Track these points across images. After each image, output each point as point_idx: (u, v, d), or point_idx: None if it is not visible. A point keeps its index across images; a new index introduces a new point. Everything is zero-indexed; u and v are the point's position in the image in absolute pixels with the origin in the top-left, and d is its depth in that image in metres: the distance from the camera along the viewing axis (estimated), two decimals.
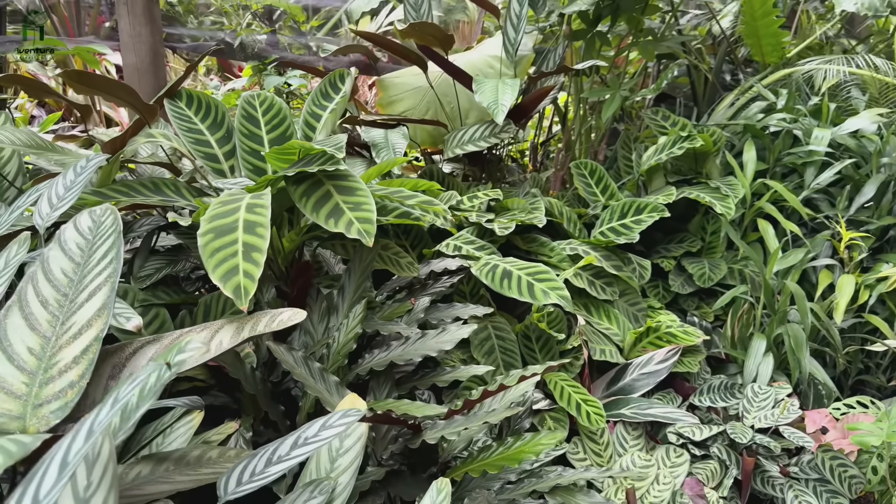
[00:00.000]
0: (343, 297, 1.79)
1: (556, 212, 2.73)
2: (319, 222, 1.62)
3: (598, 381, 2.32)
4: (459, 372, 1.77)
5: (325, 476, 1.38)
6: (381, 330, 1.79)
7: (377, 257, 2.02)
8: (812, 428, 2.16)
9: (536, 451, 1.39)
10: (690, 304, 2.79)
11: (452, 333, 1.73)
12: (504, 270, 2.07)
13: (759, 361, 2.44)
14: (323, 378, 1.57)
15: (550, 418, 2.07)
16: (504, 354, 2.13)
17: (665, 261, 2.82)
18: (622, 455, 2.07)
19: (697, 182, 2.94)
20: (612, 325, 2.39)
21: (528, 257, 2.51)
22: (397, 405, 1.58)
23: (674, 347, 2.30)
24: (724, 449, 2.14)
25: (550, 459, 1.97)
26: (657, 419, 2.07)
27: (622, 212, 2.72)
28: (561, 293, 1.99)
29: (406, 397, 1.81)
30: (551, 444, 1.40)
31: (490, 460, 1.43)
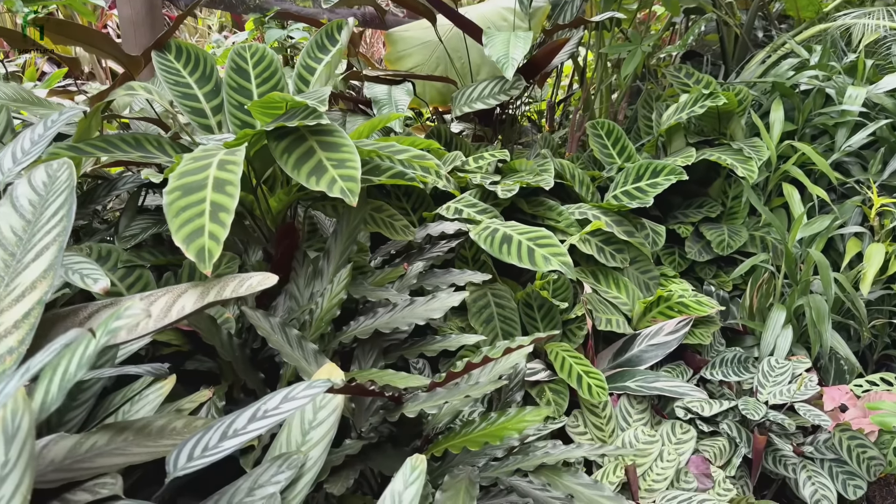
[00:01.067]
0: (328, 262, 1.70)
1: (567, 174, 2.59)
2: (300, 180, 1.52)
3: (605, 351, 2.21)
4: (449, 341, 1.68)
5: (296, 450, 1.30)
6: (368, 296, 1.70)
7: (370, 220, 1.92)
8: (830, 405, 2.04)
9: (519, 429, 1.29)
10: (707, 273, 2.65)
11: (442, 301, 1.63)
12: (504, 235, 1.96)
13: (778, 334, 2.30)
14: (301, 346, 1.48)
15: (550, 390, 1.97)
16: (503, 323, 2.03)
17: (682, 226, 2.68)
18: (625, 430, 1.97)
19: (720, 143, 2.77)
20: (620, 293, 2.27)
21: (533, 222, 2.39)
22: (380, 375, 1.49)
23: (685, 318, 2.18)
24: (735, 426, 2.03)
25: (548, 433, 1.89)
26: (663, 393, 1.96)
27: (637, 174, 2.57)
28: (562, 259, 1.88)
29: (396, 367, 1.72)
30: (536, 420, 1.30)
31: (472, 436, 1.34)
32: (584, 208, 2.40)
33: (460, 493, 1.28)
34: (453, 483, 1.34)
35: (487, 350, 1.43)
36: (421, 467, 1.20)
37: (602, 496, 1.29)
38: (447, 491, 1.30)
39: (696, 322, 2.25)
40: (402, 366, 1.87)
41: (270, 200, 1.87)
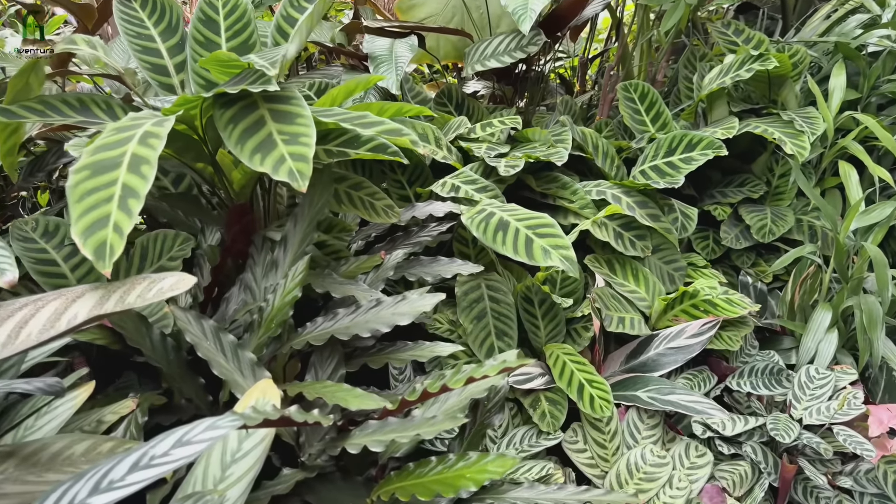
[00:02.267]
0: (285, 251, 1.46)
1: (589, 145, 2.29)
2: (243, 158, 1.28)
3: (617, 352, 1.95)
4: (420, 350, 1.44)
5: (213, 488, 1.10)
6: (332, 291, 1.47)
7: (345, 199, 1.68)
8: (877, 430, 1.75)
9: (478, 480, 1.06)
10: (745, 261, 2.34)
11: (412, 304, 1.39)
12: (500, 220, 1.69)
13: (821, 338, 2.00)
14: (236, 356, 1.27)
15: (546, 400, 1.73)
16: (497, 321, 1.78)
17: (719, 207, 2.36)
18: (631, 448, 1.72)
19: (768, 113, 2.42)
20: (639, 287, 1.99)
21: (543, 202, 2.11)
22: (332, 391, 1.27)
23: (711, 320, 1.89)
24: (760, 448, 1.75)
25: (541, 450, 1.65)
26: (677, 409, 1.70)
27: (670, 147, 2.25)
28: (564, 253, 1.61)
29: (358, 377, 1.50)
30: (498, 471, 1.06)
31: (423, 480, 1.11)
32: (603, 186, 2.10)
33: None
34: None
35: (451, 375, 1.18)
36: None
37: None
38: None
39: (726, 323, 1.96)
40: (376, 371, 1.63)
41: (234, 173, 1.64)
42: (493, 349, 1.75)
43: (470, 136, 2.16)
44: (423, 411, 1.28)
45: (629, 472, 1.66)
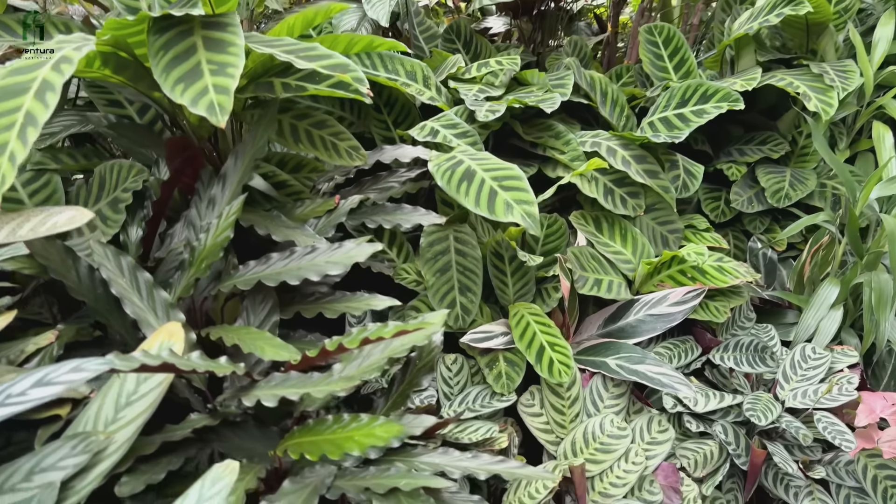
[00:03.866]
0: (224, 188, 1.41)
1: (597, 92, 2.13)
2: (165, 89, 1.21)
3: (595, 315, 1.84)
4: (356, 301, 1.38)
5: (103, 428, 1.07)
6: (273, 234, 1.41)
7: (305, 138, 1.60)
8: (865, 419, 1.60)
9: (363, 444, 1.00)
10: (758, 226, 2.17)
11: (347, 253, 1.32)
12: (467, 170, 1.58)
13: (823, 315, 1.84)
14: (151, 295, 1.23)
15: (504, 360, 1.65)
16: (462, 275, 1.69)
17: (734, 166, 2.18)
18: (591, 416, 1.64)
19: (798, 64, 2.19)
20: (626, 248, 1.86)
21: (532, 151, 1.98)
22: (251, 338, 1.22)
23: (696, 288, 1.75)
24: (732, 429, 1.64)
25: (490, 412, 1.59)
26: (641, 381, 1.59)
27: (683, 97, 2.07)
28: (527, 209, 1.49)
29: (318, 323, 1.44)
30: (384, 437, 1.00)
31: (315, 438, 1.06)
32: (600, 137, 1.95)
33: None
34: (294, 489, 1.08)
35: (357, 334, 1.12)
36: (227, 479, 0.94)
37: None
38: (280, 500, 1.04)
39: (715, 293, 1.82)
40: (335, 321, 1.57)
41: None
42: (454, 304, 1.68)
43: (463, 77, 2.04)
44: (343, 366, 1.23)
45: (585, 441, 1.58)
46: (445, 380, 1.66)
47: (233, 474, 0.97)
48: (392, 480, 1.04)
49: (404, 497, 1.02)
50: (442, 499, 1.17)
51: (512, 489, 1.50)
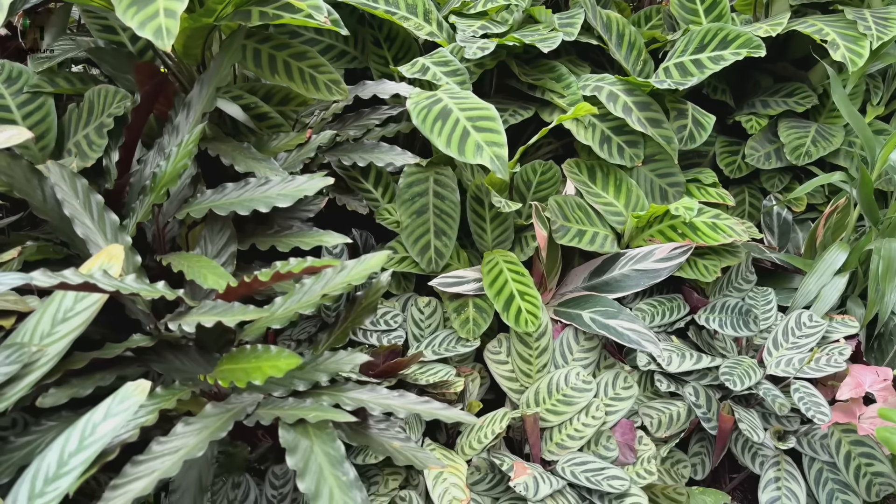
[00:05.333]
0: (188, 115, 1.41)
1: (612, 33, 2.02)
2: (119, 11, 1.21)
3: (580, 267, 1.79)
4: (307, 237, 1.38)
5: (38, 342, 1.12)
6: (236, 165, 1.42)
7: (282, 69, 1.58)
8: (848, 393, 1.52)
9: (264, 373, 1.00)
10: (777, 184, 2.04)
11: (298, 186, 1.31)
12: (443, 109, 1.53)
13: (826, 282, 1.74)
14: (102, 217, 1.26)
15: (473, 306, 1.63)
16: (439, 218, 1.66)
17: (754, 119, 2.04)
18: (559, 368, 1.61)
19: (834, 10, 2.01)
20: (619, 200, 1.79)
21: (530, 94, 1.90)
22: (195, 266, 1.25)
23: (684, 245, 1.67)
24: (704, 392, 1.58)
25: (456, 355, 1.58)
26: (610, 336, 1.54)
27: (701, 42, 1.94)
28: (497, 151, 1.44)
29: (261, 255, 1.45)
30: (282, 368, 1.00)
31: (233, 367, 1.08)
32: (604, 81, 1.85)
33: (204, 430, 1.06)
34: (215, 413, 1.11)
35: (296, 264, 1.12)
36: (135, 398, 0.97)
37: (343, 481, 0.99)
38: (193, 423, 1.07)
39: (708, 250, 1.73)
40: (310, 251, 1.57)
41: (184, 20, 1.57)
42: (428, 247, 1.66)
43: (467, 12, 1.96)
44: (284, 299, 1.24)
45: (549, 391, 1.56)
46: (416, 322, 1.65)
47: (142, 394, 1.00)
48: (301, 412, 1.05)
49: (311, 428, 1.03)
50: (366, 433, 1.19)
51: (465, 433, 1.50)
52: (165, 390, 1.14)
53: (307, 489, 0.94)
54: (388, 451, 1.15)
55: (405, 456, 1.15)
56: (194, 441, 1.02)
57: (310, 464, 0.97)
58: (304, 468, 0.96)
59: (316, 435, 1.02)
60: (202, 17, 1.46)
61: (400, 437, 1.19)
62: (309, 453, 0.98)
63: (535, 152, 2.07)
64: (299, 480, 0.95)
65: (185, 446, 1.01)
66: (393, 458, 1.15)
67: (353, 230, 1.92)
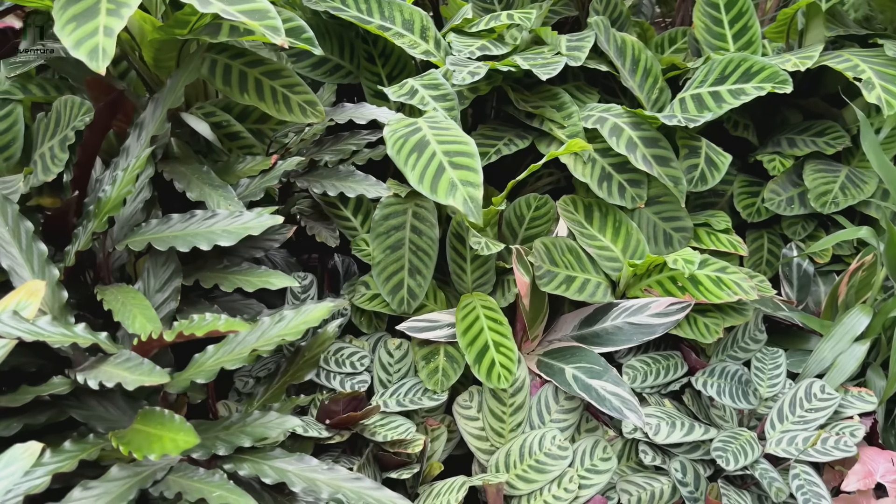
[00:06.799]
0: (140, 137, 1.31)
1: (627, 58, 1.86)
2: (56, 29, 1.11)
3: (571, 315, 1.64)
4: (253, 276, 1.26)
5: None
6: (189, 192, 1.31)
7: (253, 88, 1.47)
8: (856, 482, 1.34)
9: (158, 450, 0.89)
10: (799, 231, 1.86)
11: (244, 223, 1.20)
12: (420, 140, 1.40)
13: (843, 349, 1.56)
14: (30, 246, 1.17)
15: (445, 355, 1.50)
16: (414, 255, 1.53)
17: (778, 159, 1.86)
18: (535, 428, 1.47)
19: (874, 44, 1.82)
20: (616, 244, 1.63)
21: (528, 124, 1.76)
22: (123, 307, 1.15)
23: (683, 301, 1.52)
24: (693, 468, 1.42)
25: (426, 407, 1.45)
26: (589, 399, 1.40)
27: (722, 73, 1.77)
28: (471, 192, 1.31)
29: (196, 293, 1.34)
30: (178, 448, 0.88)
31: (142, 428, 0.97)
32: (609, 113, 1.70)
33: (102, 498, 0.95)
34: (119, 477, 1.00)
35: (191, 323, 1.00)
36: (21, 464, 0.88)
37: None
38: (93, 489, 0.97)
39: (708, 307, 1.57)
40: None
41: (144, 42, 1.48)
42: (401, 286, 1.53)
43: (468, 30, 1.83)
44: (215, 350, 1.12)
45: (521, 454, 1.42)
46: (384, 366, 1.53)
47: (31, 458, 0.90)
48: (206, 488, 0.94)
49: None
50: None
51: (423, 497, 1.37)
52: (74, 445, 1.03)
53: None
54: None
55: None
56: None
57: None
58: None
59: None
60: (174, 29, 1.37)
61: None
62: None
63: (536, 182, 1.93)
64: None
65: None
66: None
67: (335, 256, 1.81)
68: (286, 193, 1.74)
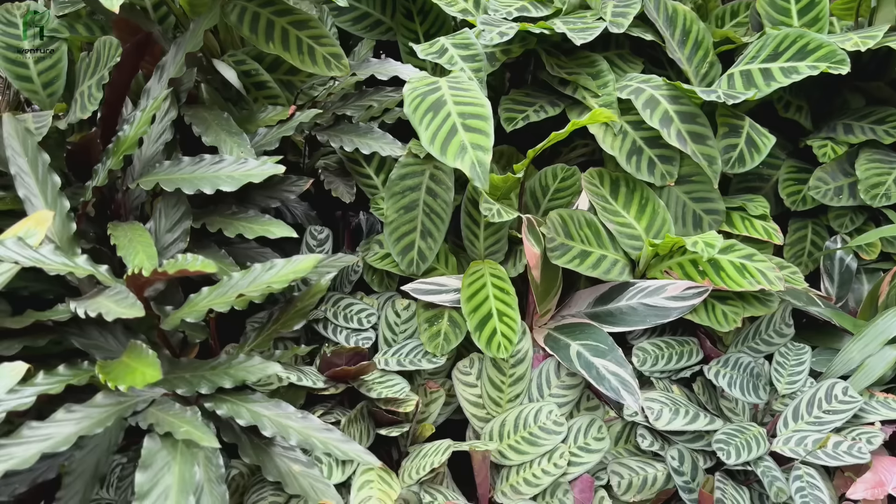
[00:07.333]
0: (161, 79, 1.34)
1: (677, 28, 1.77)
2: None
3: (586, 291, 1.60)
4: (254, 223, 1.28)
5: None
6: (205, 137, 1.34)
7: (279, 38, 1.47)
8: (863, 491, 1.27)
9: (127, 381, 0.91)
10: (846, 224, 1.75)
11: (247, 170, 1.21)
12: (438, 99, 1.37)
13: (873, 351, 1.47)
14: (46, 178, 1.21)
15: (448, 320, 1.48)
16: (427, 218, 1.51)
17: (830, 145, 1.75)
18: (533, 401, 1.44)
19: None
20: (641, 221, 1.57)
21: (560, 91, 1.70)
22: (129, 242, 1.18)
23: (700, 286, 1.45)
24: (691, 457, 1.37)
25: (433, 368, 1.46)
26: (589, 377, 1.36)
27: (776, 49, 1.67)
28: (479, 157, 1.28)
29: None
30: (142, 380, 0.90)
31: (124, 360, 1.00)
32: (648, 84, 1.62)
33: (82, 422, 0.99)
34: (103, 404, 1.04)
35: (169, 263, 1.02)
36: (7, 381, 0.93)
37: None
38: (75, 412, 1.01)
39: (729, 294, 1.49)
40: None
41: None
42: (411, 247, 1.52)
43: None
44: (210, 292, 1.15)
45: (515, 426, 1.41)
46: (391, 325, 1.54)
47: (15, 377, 0.95)
48: (177, 422, 0.96)
49: (181, 444, 0.95)
50: (267, 450, 1.09)
51: (411, 457, 1.38)
52: (68, 370, 1.08)
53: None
54: (283, 474, 1.05)
55: (299, 484, 1.05)
56: (63, 434, 0.96)
57: (156, 487, 0.88)
58: (146, 491, 0.88)
59: (183, 454, 0.93)
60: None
61: (302, 460, 1.08)
62: (160, 474, 0.90)
63: (570, 153, 1.87)
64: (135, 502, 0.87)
65: (52, 437, 0.95)
66: (284, 484, 1.05)
67: (361, 214, 1.83)
68: (313, 148, 1.75)
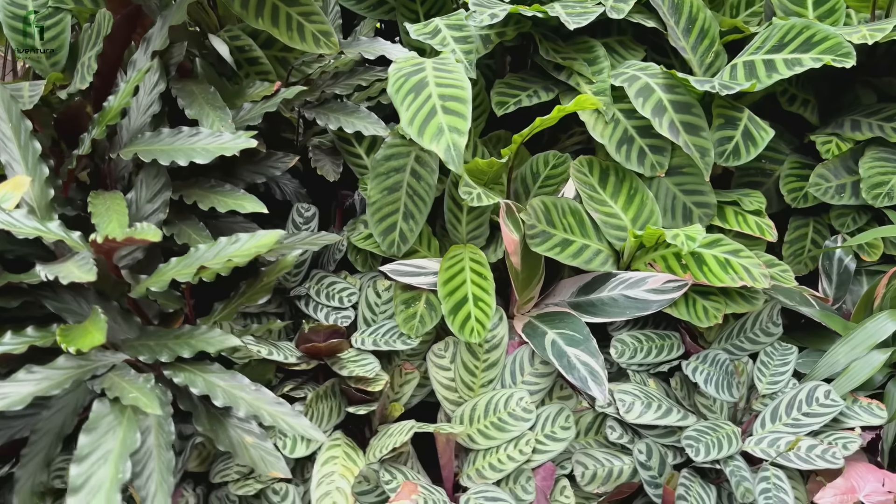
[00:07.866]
0: (146, 51, 1.35)
1: (682, 15, 1.73)
2: None
3: (569, 280, 1.58)
4: (229, 197, 1.29)
5: None
6: (188, 109, 1.35)
7: (268, 13, 1.48)
8: (830, 497, 1.24)
9: (78, 344, 0.94)
10: (848, 223, 1.70)
11: (221, 143, 1.22)
12: (420, 80, 1.37)
13: (859, 355, 1.43)
14: (28, 144, 1.24)
15: (425, 303, 1.48)
16: (410, 199, 1.51)
17: (835, 141, 1.69)
18: (506, 387, 1.44)
19: None
20: (627, 212, 1.55)
21: (554, 77, 1.67)
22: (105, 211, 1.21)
23: (681, 280, 1.42)
24: (659, 451, 1.36)
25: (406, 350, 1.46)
26: (559, 366, 1.35)
27: (781, 39, 1.62)
28: (454, 139, 1.27)
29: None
30: (86, 343, 0.93)
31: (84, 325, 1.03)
32: (645, 72, 1.59)
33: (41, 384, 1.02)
34: (65, 366, 1.07)
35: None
36: None
37: None
38: (36, 373, 1.04)
39: (711, 290, 1.46)
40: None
41: None
42: (393, 229, 1.52)
43: None
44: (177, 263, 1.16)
45: (486, 411, 1.41)
46: (370, 305, 1.54)
47: None
48: (127, 386, 0.99)
49: (130, 409, 0.97)
50: (222, 420, 1.11)
51: (378, 436, 1.38)
52: (35, 332, 1.11)
53: (73, 475, 0.88)
54: (234, 444, 1.07)
55: (250, 455, 1.07)
56: (20, 394, 0.99)
57: (97, 450, 0.91)
58: (86, 454, 0.90)
59: (129, 419, 0.95)
60: None
61: (255, 432, 1.10)
62: (104, 438, 0.92)
63: (566, 140, 1.85)
64: (73, 464, 0.89)
65: (8, 396, 0.98)
66: (236, 455, 1.07)
67: (356, 194, 1.83)
68: (308, 126, 1.76)
